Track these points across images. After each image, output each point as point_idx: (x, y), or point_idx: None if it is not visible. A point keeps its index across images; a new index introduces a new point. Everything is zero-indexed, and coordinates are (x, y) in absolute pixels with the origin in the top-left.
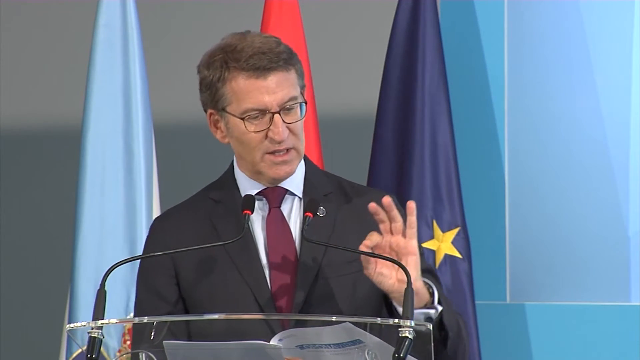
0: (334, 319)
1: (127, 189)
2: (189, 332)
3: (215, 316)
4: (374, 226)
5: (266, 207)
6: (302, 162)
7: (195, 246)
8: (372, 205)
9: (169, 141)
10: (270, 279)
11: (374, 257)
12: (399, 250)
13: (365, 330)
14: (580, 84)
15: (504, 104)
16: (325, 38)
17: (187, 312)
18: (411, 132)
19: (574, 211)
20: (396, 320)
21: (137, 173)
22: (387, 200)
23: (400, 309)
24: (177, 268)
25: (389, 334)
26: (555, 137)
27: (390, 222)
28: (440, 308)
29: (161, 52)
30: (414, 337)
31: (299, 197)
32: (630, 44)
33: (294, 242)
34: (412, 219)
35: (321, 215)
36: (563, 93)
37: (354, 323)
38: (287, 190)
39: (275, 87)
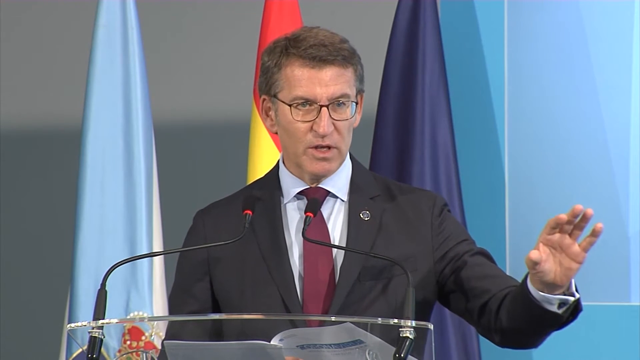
0: (333, 319)
1: (127, 189)
2: (221, 332)
3: (216, 316)
4: (420, 228)
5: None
6: (349, 163)
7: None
8: (578, 208)
9: (169, 141)
10: (301, 282)
11: (374, 257)
12: (568, 253)
13: (366, 330)
14: (580, 84)
15: (504, 104)
16: None
17: (218, 311)
18: (411, 132)
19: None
20: (396, 320)
21: (137, 173)
22: (589, 212)
23: (536, 292)
24: (211, 267)
25: (390, 334)
26: (555, 137)
27: (574, 229)
28: (577, 295)
29: (161, 52)
30: (414, 337)
31: (342, 200)
32: (630, 44)
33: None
34: (594, 240)
35: (366, 218)
36: (563, 93)
37: (354, 323)
38: (329, 192)
39: (328, 81)
